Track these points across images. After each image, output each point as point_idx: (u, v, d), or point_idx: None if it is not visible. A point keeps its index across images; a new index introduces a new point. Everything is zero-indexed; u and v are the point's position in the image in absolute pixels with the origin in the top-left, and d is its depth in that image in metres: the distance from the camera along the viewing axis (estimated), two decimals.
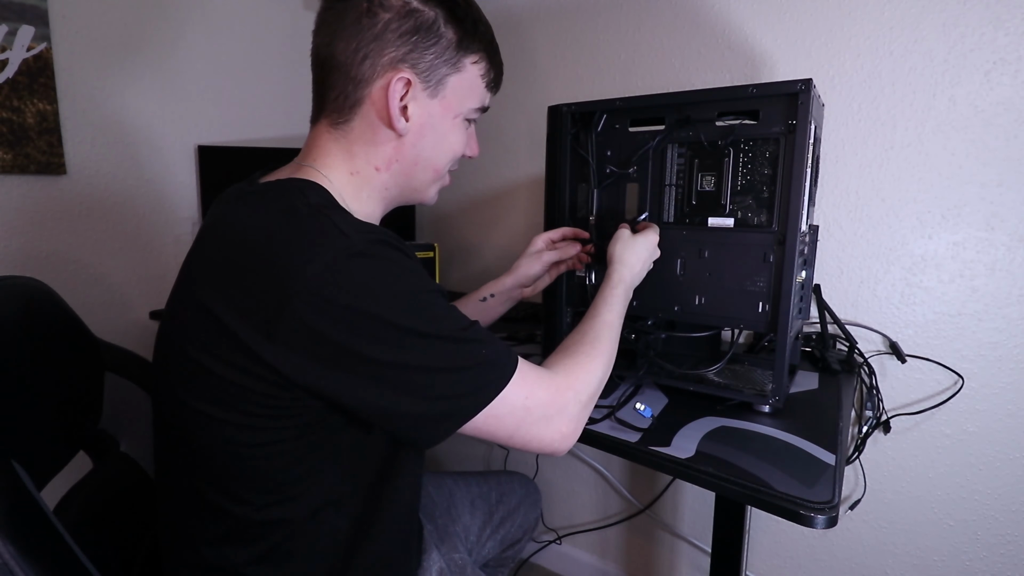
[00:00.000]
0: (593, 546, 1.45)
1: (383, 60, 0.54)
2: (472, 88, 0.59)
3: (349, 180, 0.58)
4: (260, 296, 0.44)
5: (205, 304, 0.47)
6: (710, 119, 0.74)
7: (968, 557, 0.99)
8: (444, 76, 0.57)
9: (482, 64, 0.59)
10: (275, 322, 0.44)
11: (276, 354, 0.44)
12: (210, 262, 0.50)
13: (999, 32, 0.86)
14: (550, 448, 0.55)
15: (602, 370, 0.62)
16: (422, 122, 0.57)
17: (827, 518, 0.52)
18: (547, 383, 0.55)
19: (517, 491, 1.00)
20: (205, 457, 0.51)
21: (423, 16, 0.54)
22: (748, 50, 1.07)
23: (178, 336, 0.51)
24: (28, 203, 1.10)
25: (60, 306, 0.62)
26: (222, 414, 0.48)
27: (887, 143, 0.96)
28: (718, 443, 0.65)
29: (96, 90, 1.17)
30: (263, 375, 0.45)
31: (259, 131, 1.49)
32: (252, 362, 0.45)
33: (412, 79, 0.55)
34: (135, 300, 1.28)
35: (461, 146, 0.62)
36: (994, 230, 0.90)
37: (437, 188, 0.65)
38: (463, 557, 0.76)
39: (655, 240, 0.77)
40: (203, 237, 0.54)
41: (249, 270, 0.46)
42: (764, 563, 1.19)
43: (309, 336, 0.44)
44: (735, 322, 0.76)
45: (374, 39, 0.53)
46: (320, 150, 0.58)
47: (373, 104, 0.55)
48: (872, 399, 0.97)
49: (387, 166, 0.58)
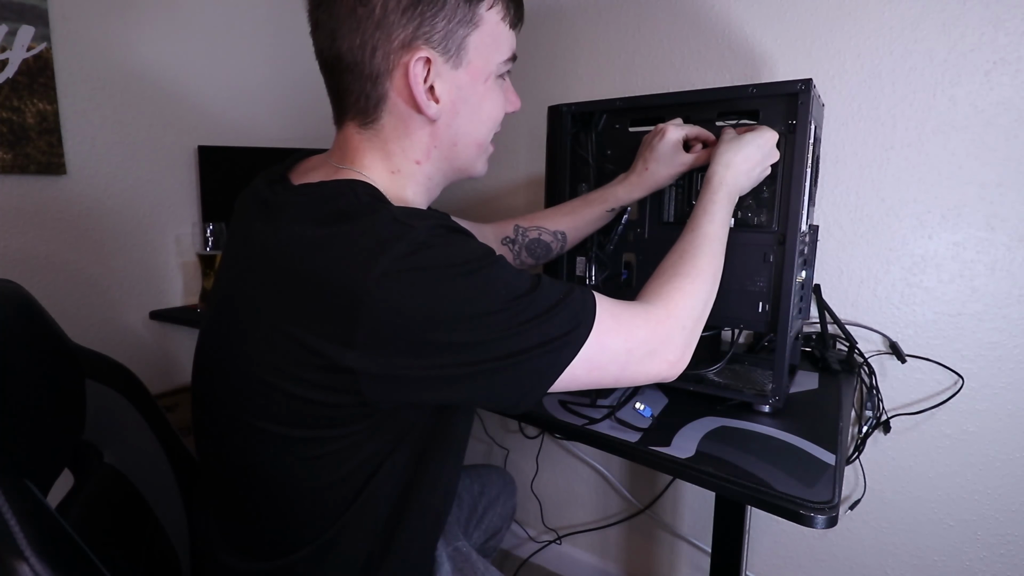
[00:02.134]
0: (593, 546, 1.45)
1: (394, 46, 0.50)
2: (496, 38, 0.54)
3: (392, 179, 0.55)
4: (334, 309, 0.43)
5: (282, 329, 0.45)
6: (710, 119, 0.74)
7: (968, 557, 0.99)
8: (463, 38, 0.52)
9: (499, 5, 0.54)
10: (353, 330, 0.42)
11: (358, 359, 0.43)
12: (273, 287, 0.47)
13: (999, 32, 0.86)
14: (659, 379, 0.54)
15: (706, 289, 0.58)
16: (453, 98, 0.53)
17: (827, 518, 0.52)
18: (644, 318, 0.52)
19: (496, 482, 1.02)
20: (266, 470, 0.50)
21: None
22: (748, 50, 1.07)
23: (242, 360, 0.49)
24: (28, 203, 1.10)
25: (38, 311, 0.59)
26: (282, 429, 0.48)
27: (887, 143, 0.96)
28: (718, 443, 0.65)
29: (96, 90, 1.17)
30: (337, 385, 0.44)
31: (259, 131, 1.49)
32: (334, 375, 0.44)
33: (431, 56, 0.50)
34: (135, 300, 1.28)
35: (500, 109, 0.58)
36: (994, 230, 0.90)
37: (485, 159, 0.61)
38: (464, 545, 0.77)
39: (771, 140, 0.67)
40: (251, 257, 0.51)
41: (318, 287, 0.44)
42: (764, 563, 1.19)
43: (388, 338, 0.43)
44: (735, 322, 0.76)
45: (376, 27, 0.49)
46: (355, 152, 0.55)
47: (399, 95, 0.52)
48: (872, 399, 0.97)
49: (426, 156, 0.55)
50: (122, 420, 0.67)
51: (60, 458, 0.58)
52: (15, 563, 0.38)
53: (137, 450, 0.68)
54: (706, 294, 0.58)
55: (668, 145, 0.74)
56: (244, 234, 0.54)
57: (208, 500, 0.60)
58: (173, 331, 1.35)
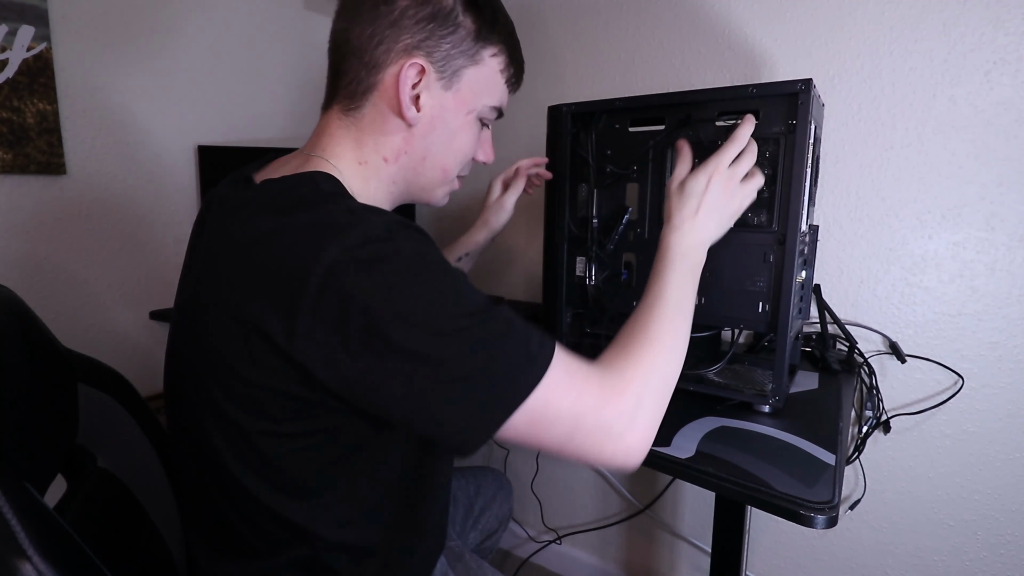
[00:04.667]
0: (593, 546, 1.45)
1: (398, 46, 0.53)
2: (489, 83, 0.58)
3: (357, 170, 0.57)
4: (281, 295, 0.42)
5: (239, 316, 0.45)
6: (710, 119, 0.74)
7: (968, 557, 0.99)
8: (460, 67, 0.55)
9: (501, 58, 0.58)
10: (296, 314, 0.42)
11: (300, 348, 0.42)
12: (229, 280, 0.47)
13: (999, 32, 0.86)
14: (614, 463, 0.47)
15: (664, 359, 0.53)
16: (433, 114, 0.56)
17: (827, 518, 0.52)
18: (598, 383, 0.47)
19: (492, 484, 1.02)
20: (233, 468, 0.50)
21: (440, 4, 0.53)
22: (748, 50, 1.07)
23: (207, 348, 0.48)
24: (28, 203, 1.10)
25: (28, 315, 0.58)
26: (251, 422, 0.47)
27: (887, 143, 0.96)
28: (718, 443, 0.65)
29: (96, 90, 1.17)
30: (291, 374, 0.44)
31: (259, 131, 1.49)
32: (281, 360, 0.43)
33: (426, 67, 0.53)
34: (135, 300, 1.28)
35: (471, 147, 0.61)
36: (994, 230, 0.90)
37: (445, 191, 0.63)
38: (458, 545, 0.78)
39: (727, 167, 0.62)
40: (214, 252, 0.50)
41: (269, 270, 0.44)
42: (764, 563, 1.19)
43: (330, 326, 0.41)
44: (735, 322, 0.76)
45: (390, 25, 0.53)
46: (330, 138, 0.57)
47: (385, 91, 0.54)
48: (872, 399, 0.97)
49: (395, 158, 0.57)
50: (115, 424, 0.67)
51: (54, 463, 0.57)
52: (18, 563, 0.37)
53: (130, 453, 0.68)
54: (665, 364, 0.53)
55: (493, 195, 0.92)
56: (200, 233, 0.55)
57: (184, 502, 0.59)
58: None
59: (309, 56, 1.56)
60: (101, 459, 0.66)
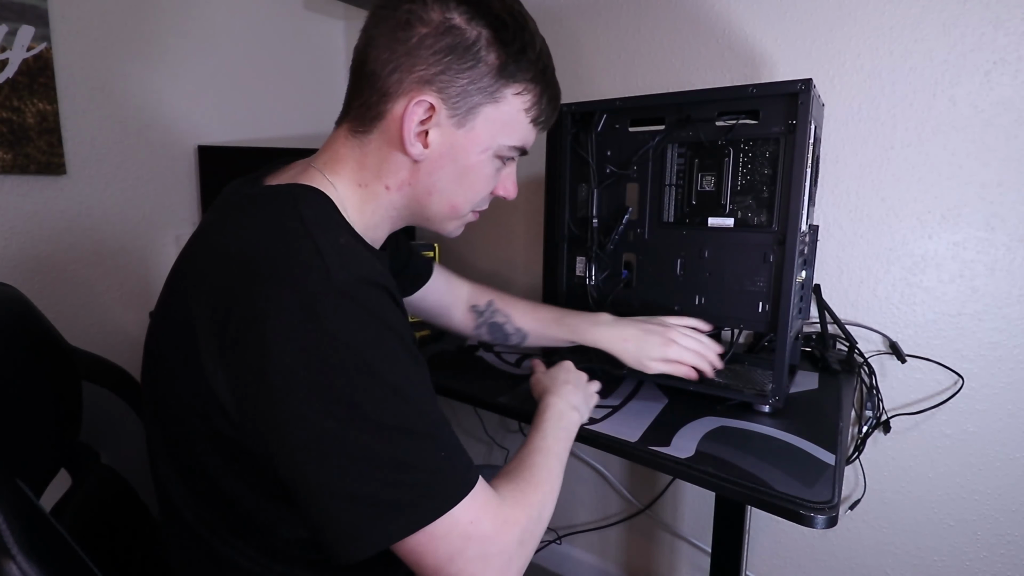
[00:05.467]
0: (593, 546, 1.45)
1: (411, 77, 0.50)
2: (510, 123, 0.54)
3: (355, 191, 0.54)
4: (225, 317, 0.41)
5: (187, 317, 0.44)
6: (710, 119, 0.74)
7: (968, 557, 0.99)
8: (476, 105, 0.52)
9: (527, 96, 0.54)
10: (231, 347, 0.40)
11: (222, 381, 0.41)
12: (196, 274, 0.47)
13: (999, 32, 0.86)
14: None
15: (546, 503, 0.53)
16: (442, 152, 0.53)
17: (827, 518, 0.52)
18: (495, 511, 0.45)
19: None
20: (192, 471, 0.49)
21: (462, 35, 0.50)
22: (748, 50, 1.07)
23: (164, 345, 0.49)
24: (28, 203, 1.10)
25: (34, 314, 0.59)
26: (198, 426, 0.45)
27: (887, 143, 0.96)
28: (718, 443, 0.65)
29: (96, 90, 1.17)
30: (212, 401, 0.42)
31: (259, 131, 1.49)
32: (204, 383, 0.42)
33: (436, 104, 0.50)
34: (135, 300, 1.28)
35: (485, 186, 0.58)
36: (994, 230, 0.90)
37: (457, 225, 0.60)
38: None
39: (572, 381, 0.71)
40: (194, 242, 0.51)
41: (223, 288, 0.42)
42: (764, 563, 1.19)
43: (260, 372, 0.39)
44: (735, 322, 0.76)
45: (406, 53, 0.50)
46: (334, 154, 0.55)
47: (392, 122, 0.52)
48: (872, 399, 0.97)
49: (398, 188, 0.55)
50: (119, 421, 0.67)
51: (55, 459, 0.58)
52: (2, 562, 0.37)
53: (133, 451, 0.68)
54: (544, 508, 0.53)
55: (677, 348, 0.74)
56: (200, 226, 0.54)
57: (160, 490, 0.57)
58: None
59: (309, 56, 1.56)
60: (104, 456, 0.66)
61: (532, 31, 0.54)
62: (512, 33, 0.51)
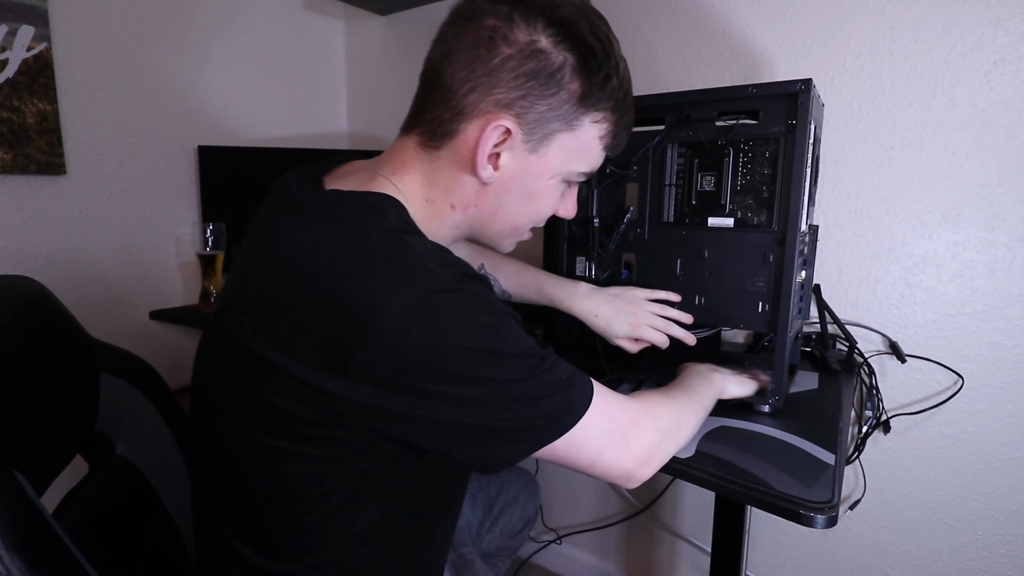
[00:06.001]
0: (593, 546, 1.45)
1: (489, 99, 0.49)
2: (584, 150, 0.54)
3: (423, 206, 0.54)
4: (332, 340, 0.42)
5: (261, 353, 0.44)
6: (710, 119, 0.74)
7: (968, 557, 0.99)
8: (553, 132, 0.51)
9: (604, 125, 0.53)
10: (349, 361, 0.41)
11: (347, 388, 0.42)
12: (267, 300, 0.46)
13: (999, 32, 0.86)
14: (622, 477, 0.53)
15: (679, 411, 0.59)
16: (511, 175, 0.52)
17: (827, 518, 0.52)
18: (626, 407, 0.53)
19: (515, 482, 1.00)
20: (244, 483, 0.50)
21: (547, 61, 0.48)
22: (748, 50, 1.07)
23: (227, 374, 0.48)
24: (28, 203, 1.10)
25: (55, 306, 0.60)
26: (268, 440, 0.46)
27: (887, 143, 0.96)
28: (718, 443, 0.65)
29: (96, 90, 1.17)
30: (324, 405, 0.43)
31: (259, 131, 1.49)
32: (316, 394, 0.43)
33: (513, 129, 0.49)
34: (135, 300, 1.28)
35: (549, 209, 0.57)
36: (994, 230, 0.90)
37: (512, 242, 0.61)
38: (471, 552, 0.77)
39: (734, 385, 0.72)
40: (254, 258, 0.49)
41: (323, 312, 0.42)
42: (764, 563, 1.19)
43: (385, 373, 0.42)
44: (735, 322, 0.76)
45: (487, 73, 0.48)
46: (403, 165, 0.54)
47: (465, 141, 0.50)
48: (872, 399, 0.97)
49: (464, 208, 0.54)
50: (137, 414, 0.68)
51: (67, 449, 0.58)
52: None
53: (151, 443, 0.69)
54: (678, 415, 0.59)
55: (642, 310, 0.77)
56: (264, 230, 0.51)
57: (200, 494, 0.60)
58: (173, 331, 1.35)
59: (309, 56, 1.56)
60: (120, 447, 0.67)
61: (617, 57, 0.53)
62: (599, 61, 0.50)
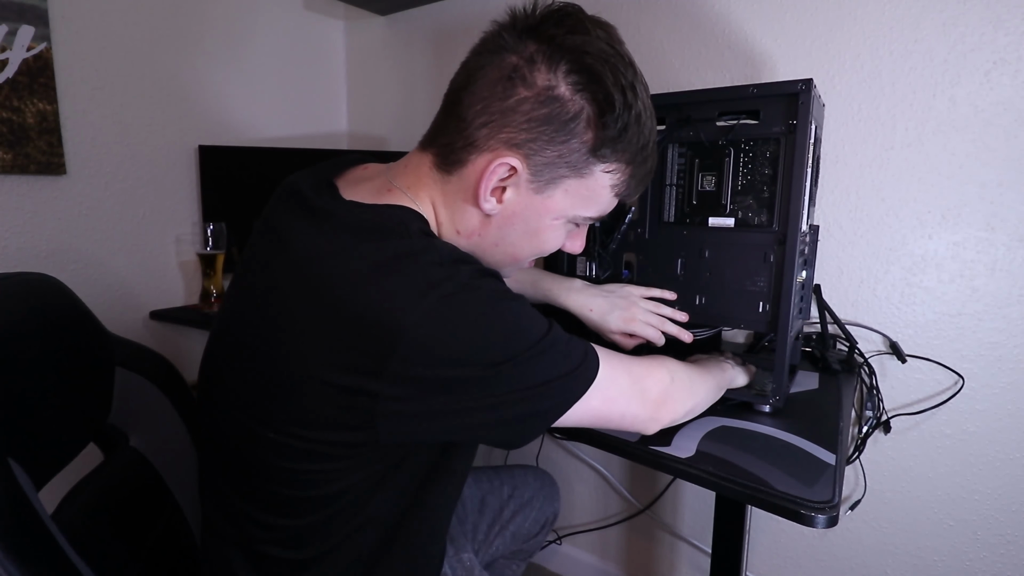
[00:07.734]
0: (593, 546, 1.45)
1: (500, 135, 0.49)
2: (592, 196, 0.53)
3: (434, 225, 0.54)
4: (368, 345, 0.42)
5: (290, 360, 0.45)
6: (710, 119, 0.74)
7: (968, 557, 0.99)
8: (560, 178, 0.51)
9: (616, 175, 0.53)
10: (384, 364, 0.42)
11: (383, 390, 0.43)
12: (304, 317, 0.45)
13: (999, 32, 0.86)
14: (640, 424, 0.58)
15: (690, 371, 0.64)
16: (515, 210, 0.52)
17: (827, 518, 0.52)
18: (639, 361, 0.58)
19: (531, 484, 0.98)
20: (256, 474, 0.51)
21: (563, 108, 0.48)
22: (748, 50, 1.07)
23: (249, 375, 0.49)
24: (28, 203, 1.10)
25: (72, 301, 0.62)
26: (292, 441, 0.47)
27: (887, 143, 0.96)
28: (718, 443, 0.65)
29: (96, 90, 1.17)
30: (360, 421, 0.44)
31: (259, 131, 1.49)
32: (351, 408, 0.44)
33: (519, 167, 0.49)
34: (135, 300, 1.28)
35: (553, 245, 0.57)
36: (994, 230, 0.90)
37: (513, 269, 0.61)
38: (470, 558, 0.76)
39: None
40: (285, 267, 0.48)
41: (356, 323, 0.43)
42: (764, 563, 1.19)
43: (418, 373, 0.43)
44: (735, 322, 0.76)
45: (500, 112, 0.48)
46: (418, 182, 0.54)
47: (472, 172, 0.51)
48: (872, 399, 0.97)
49: (468, 235, 0.55)
50: (151, 407, 0.69)
51: (78, 439, 0.59)
52: None
53: (164, 437, 0.69)
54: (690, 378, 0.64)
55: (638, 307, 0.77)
56: (281, 237, 0.50)
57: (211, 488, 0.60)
58: (173, 331, 1.35)
59: (309, 56, 1.56)
60: (133, 439, 0.68)
61: (640, 108, 0.51)
62: (616, 114, 0.49)
